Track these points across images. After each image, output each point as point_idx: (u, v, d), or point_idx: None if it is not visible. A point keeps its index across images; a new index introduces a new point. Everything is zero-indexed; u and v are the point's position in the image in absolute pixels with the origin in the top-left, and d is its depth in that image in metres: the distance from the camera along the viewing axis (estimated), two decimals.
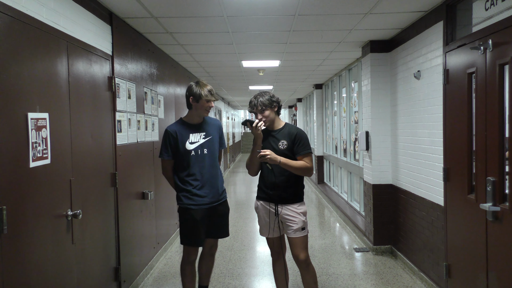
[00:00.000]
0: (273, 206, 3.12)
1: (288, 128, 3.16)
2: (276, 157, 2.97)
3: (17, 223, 2.13)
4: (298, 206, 3.12)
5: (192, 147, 3.17)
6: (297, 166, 3.03)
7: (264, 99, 3.11)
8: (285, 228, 3.17)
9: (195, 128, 3.23)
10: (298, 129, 3.16)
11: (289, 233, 3.12)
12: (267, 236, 3.25)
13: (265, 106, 3.11)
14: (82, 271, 2.90)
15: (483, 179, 2.84)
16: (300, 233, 3.10)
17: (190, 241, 3.24)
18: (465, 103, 3.12)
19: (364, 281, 4.11)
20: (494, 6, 2.83)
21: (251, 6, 3.53)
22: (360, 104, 6.03)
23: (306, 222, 3.14)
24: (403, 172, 4.52)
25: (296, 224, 3.08)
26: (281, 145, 3.09)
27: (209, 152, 3.23)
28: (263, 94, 3.14)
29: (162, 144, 3.21)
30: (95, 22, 3.23)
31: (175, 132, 3.17)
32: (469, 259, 3.12)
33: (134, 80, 4.06)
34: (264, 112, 3.11)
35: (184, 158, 3.17)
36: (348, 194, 7.31)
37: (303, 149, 3.08)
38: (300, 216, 3.10)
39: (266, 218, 3.19)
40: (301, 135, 3.12)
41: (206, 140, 3.24)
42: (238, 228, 6.30)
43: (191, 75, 7.24)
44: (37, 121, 2.33)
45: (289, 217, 3.09)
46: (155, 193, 4.60)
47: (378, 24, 4.18)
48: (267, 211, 3.17)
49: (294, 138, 3.09)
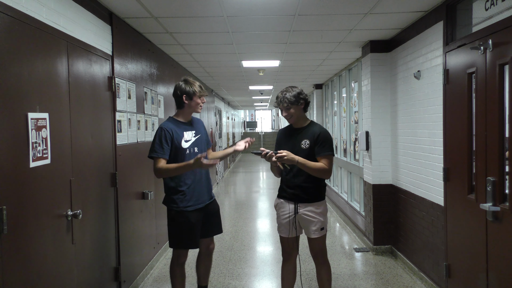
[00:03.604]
0: (292, 205, 3.09)
1: (312, 127, 3.08)
2: (294, 157, 2.90)
3: (17, 223, 2.13)
4: (317, 206, 3.07)
5: (187, 146, 3.11)
6: (314, 168, 2.95)
7: (290, 96, 3.01)
8: (303, 228, 3.13)
9: (187, 126, 3.17)
10: (322, 129, 3.05)
11: (308, 233, 3.11)
12: (282, 235, 3.20)
13: (291, 103, 3.01)
14: (82, 271, 2.90)
15: (483, 179, 2.84)
16: (318, 233, 3.08)
17: (185, 244, 3.17)
18: (465, 103, 3.12)
19: (364, 281, 4.11)
20: (494, 6, 2.83)
21: (251, 6, 3.53)
22: (360, 104, 6.03)
23: (325, 222, 3.09)
24: (403, 172, 4.52)
25: (314, 224, 3.05)
26: (303, 144, 3.03)
27: (199, 151, 3.18)
28: (290, 90, 3.03)
29: (156, 142, 3.02)
30: (95, 22, 3.23)
31: (171, 130, 3.04)
32: (469, 259, 3.12)
33: (134, 80, 4.06)
34: (289, 110, 3.04)
35: (179, 157, 3.06)
36: (348, 194, 7.31)
37: (324, 150, 2.98)
38: (319, 216, 3.06)
39: (285, 217, 3.14)
40: (325, 135, 3.02)
41: (197, 138, 3.19)
42: (238, 228, 6.30)
43: (191, 75, 7.24)
44: (37, 121, 2.33)
45: (308, 217, 3.06)
46: (155, 193, 4.60)
47: (378, 24, 4.18)
48: (286, 210, 3.13)
49: (317, 138, 3.00)
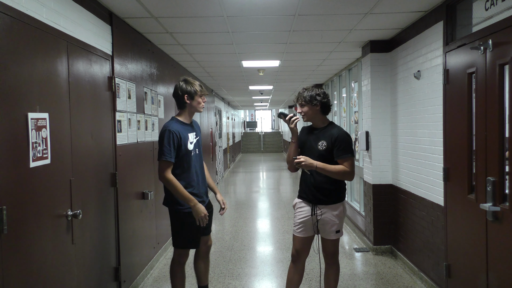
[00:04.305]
0: (310, 206, 3.10)
1: (330, 128, 3.08)
2: (312, 162, 2.92)
3: (17, 223, 2.13)
4: (334, 208, 3.06)
5: (192, 147, 3.13)
6: (335, 171, 2.94)
7: (307, 94, 3.06)
8: (320, 229, 3.12)
9: (189, 127, 3.18)
10: (340, 132, 3.03)
11: (323, 234, 3.12)
12: (296, 234, 3.18)
13: (305, 101, 3.05)
14: (82, 271, 2.90)
15: (483, 179, 2.84)
16: (334, 236, 3.08)
17: (190, 244, 3.19)
18: (465, 103, 3.12)
19: (364, 281, 4.11)
20: (494, 6, 2.83)
21: (251, 6, 3.53)
22: (360, 104, 6.03)
23: (341, 224, 3.09)
24: (403, 172, 4.52)
25: (330, 226, 3.06)
26: (320, 145, 3.03)
27: (199, 152, 3.23)
28: (310, 89, 3.08)
29: (165, 145, 2.97)
30: (95, 22, 3.23)
31: (178, 132, 3.03)
32: (469, 259, 3.12)
33: (134, 80, 4.06)
34: (303, 107, 3.08)
35: (185, 159, 3.08)
36: (348, 194, 7.31)
37: (343, 153, 2.97)
38: (335, 218, 3.06)
39: (301, 216, 3.15)
40: (343, 138, 2.99)
41: (197, 140, 3.22)
42: (238, 228, 6.30)
43: (191, 75, 7.24)
44: (37, 121, 2.33)
45: (325, 218, 3.06)
46: (155, 193, 4.60)
47: (378, 24, 4.18)
48: (303, 210, 3.14)
49: (335, 140, 2.98)
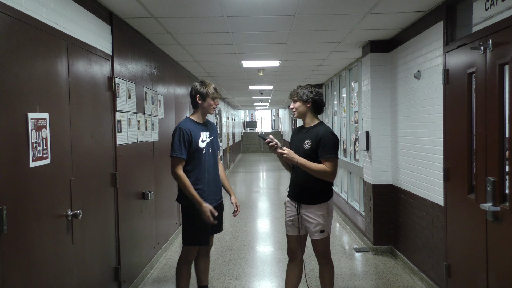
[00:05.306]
0: (296, 205, 3.14)
1: (317, 128, 3.07)
2: (294, 157, 2.93)
3: (17, 223, 2.13)
4: (318, 208, 3.05)
5: (203, 146, 3.21)
6: (316, 169, 2.94)
7: (300, 91, 3.09)
8: (306, 228, 3.15)
9: (202, 127, 3.27)
10: (326, 132, 3.00)
11: (309, 234, 3.14)
12: (287, 233, 3.26)
13: (297, 97, 3.09)
14: (82, 271, 2.90)
15: (483, 179, 2.84)
16: (319, 235, 3.08)
17: (199, 241, 3.23)
18: (465, 103, 3.12)
19: (364, 281, 4.11)
20: (494, 6, 2.83)
21: (251, 6, 3.53)
22: (360, 104, 6.03)
23: (326, 224, 3.07)
24: (403, 172, 4.52)
25: (314, 226, 3.06)
26: (306, 144, 3.04)
27: (213, 152, 3.29)
28: (305, 87, 3.11)
29: (175, 142, 3.11)
30: (95, 22, 3.23)
31: (189, 130, 3.14)
32: (469, 259, 3.12)
33: (134, 80, 4.06)
34: (295, 103, 3.11)
35: (196, 157, 3.16)
36: (348, 194, 7.31)
37: (326, 153, 2.95)
38: (318, 218, 3.05)
39: (289, 215, 3.20)
40: (326, 138, 2.97)
41: (210, 140, 3.29)
42: (238, 228, 6.29)
43: (191, 75, 7.24)
44: (37, 121, 2.33)
45: (308, 218, 3.07)
46: (155, 193, 4.60)
47: (378, 24, 4.18)
48: (291, 209, 3.19)
49: (319, 140, 2.97)
